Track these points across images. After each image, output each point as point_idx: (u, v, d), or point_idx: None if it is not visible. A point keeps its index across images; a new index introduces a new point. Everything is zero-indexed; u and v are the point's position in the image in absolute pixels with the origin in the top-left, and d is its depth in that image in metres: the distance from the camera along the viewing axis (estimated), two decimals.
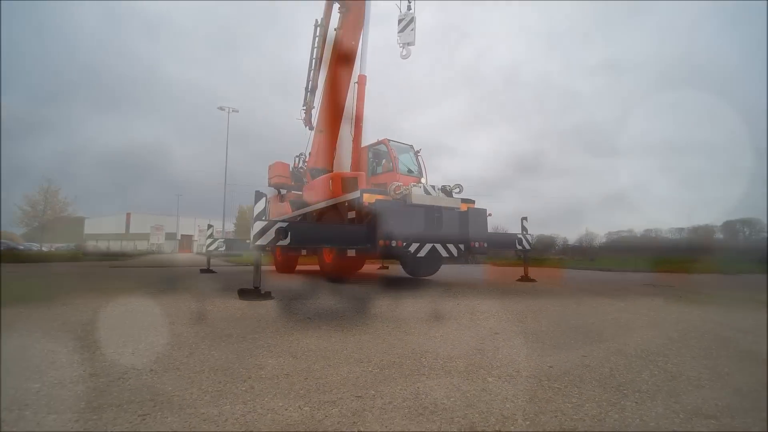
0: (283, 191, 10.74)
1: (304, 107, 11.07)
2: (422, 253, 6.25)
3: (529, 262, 8.27)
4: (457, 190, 6.94)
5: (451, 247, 6.59)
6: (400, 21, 8.79)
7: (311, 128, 10.74)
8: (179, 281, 7.53)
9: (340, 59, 9.51)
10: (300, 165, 10.71)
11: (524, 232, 8.03)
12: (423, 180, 8.12)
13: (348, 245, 5.93)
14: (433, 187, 6.67)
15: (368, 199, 6.05)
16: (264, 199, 5.05)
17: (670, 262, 20.64)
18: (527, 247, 7.98)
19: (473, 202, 7.23)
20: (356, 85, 8.91)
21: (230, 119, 32.84)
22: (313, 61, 10.65)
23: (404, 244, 5.97)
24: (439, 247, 6.45)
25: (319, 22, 10.36)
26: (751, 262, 18.50)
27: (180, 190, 65.39)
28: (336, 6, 9.86)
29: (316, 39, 10.49)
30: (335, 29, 9.89)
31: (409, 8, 8.81)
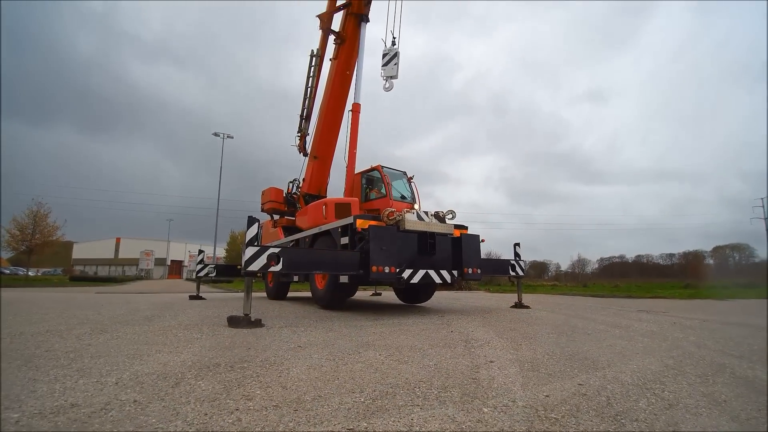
0: (276, 216, 10.71)
1: (299, 134, 11.21)
2: (415, 280, 6.21)
3: (522, 288, 8.25)
4: (450, 216, 6.98)
5: (444, 273, 6.57)
6: (384, 55, 9.12)
7: (305, 155, 10.85)
8: (167, 308, 7.35)
9: (335, 88, 9.73)
10: (294, 190, 10.74)
11: (517, 258, 8.05)
12: (416, 206, 8.17)
13: (341, 271, 5.87)
14: (426, 213, 6.69)
15: (361, 224, 6.05)
16: (257, 224, 5.03)
17: (662, 288, 20.75)
18: (520, 273, 7.97)
19: (466, 228, 7.26)
20: (350, 113, 9.07)
21: (224, 145, 32.91)
22: (309, 89, 10.89)
23: (397, 270, 5.94)
24: (432, 273, 6.42)
25: (315, 53, 10.66)
26: (740, 287, 18.65)
27: (171, 215, 64.76)
28: (331, 37, 10.18)
29: (312, 68, 10.75)
30: (330, 59, 10.17)
31: (393, 43, 9.14)
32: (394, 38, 9.19)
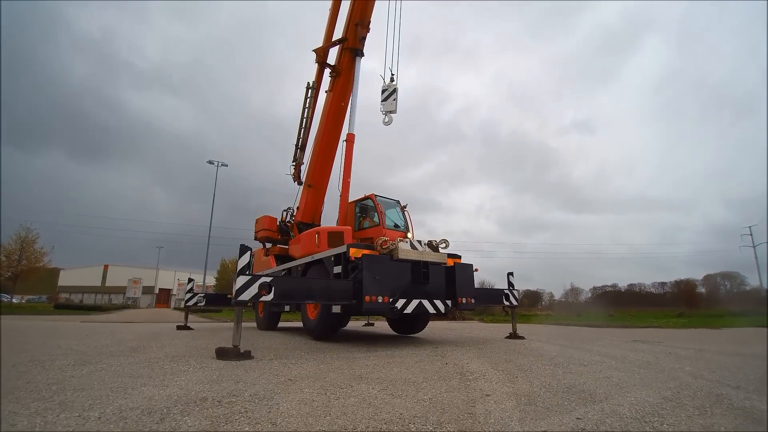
0: (269, 245, 10.64)
1: (294, 163, 11.34)
2: (409, 310, 6.14)
3: (517, 318, 8.17)
4: (444, 245, 6.98)
5: (438, 302, 6.50)
6: (383, 91, 9.41)
7: (300, 183, 10.93)
8: (154, 338, 7.14)
9: (330, 119, 9.94)
10: (288, 219, 10.74)
11: (511, 288, 8.02)
12: (409, 235, 8.18)
13: (333, 301, 5.79)
14: (419, 242, 6.70)
15: (354, 253, 6.02)
16: (248, 253, 4.99)
17: (656, 317, 20.70)
18: (515, 302, 7.92)
19: (459, 257, 7.25)
20: (345, 142, 9.21)
21: (217, 173, 33.00)
22: (304, 120, 11.11)
23: (391, 299, 5.87)
24: (426, 303, 6.35)
25: (310, 85, 10.95)
26: (733, 316, 18.68)
27: (161, 242, 63.79)
28: (327, 70, 10.49)
29: (308, 100, 11.02)
30: (326, 91, 10.44)
31: (392, 80, 9.44)
32: (392, 75, 9.50)
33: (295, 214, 10.59)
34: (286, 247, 10.27)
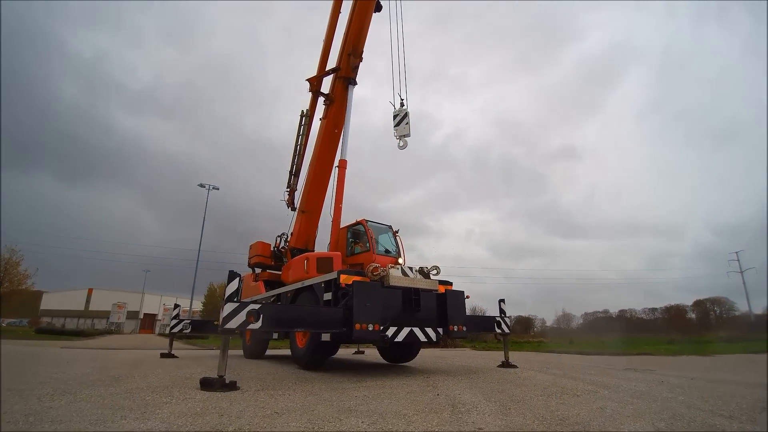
0: (258, 270, 10.51)
1: (288, 189, 11.40)
2: (400, 338, 6.05)
3: (509, 346, 8.07)
4: (435, 271, 6.96)
5: (429, 330, 6.42)
6: (395, 116, 9.65)
7: (293, 209, 10.94)
8: (136, 367, 6.89)
9: (324, 145, 10.07)
10: (282, 245, 10.68)
11: (503, 315, 7.96)
12: (401, 260, 8.15)
13: (323, 329, 5.68)
14: (410, 268, 6.67)
15: (345, 280, 5.96)
16: (237, 279, 4.92)
17: (647, 344, 20.61)
18: (506, 330, 7.85)
19: (451, 283, 7.23)
20: (337, 168, 9.29)
21: (207, 196, 32.74)
22: (298, 146, 11.26)
23: (381, 327, 5.78)
24: (417, 330, 6.27)
25: (304, 113, 11.16)
26: (723, 342, 18.71)
27: (148, 266, 62.28)
28: (321, 98, 10.71)
29: (302, 127, 11.21)
30: (320, 119, 10.61)
31: (402, 105, 9.70)
32: (402, 100, 9.77)
33: (289, 239, 10.54)
34: (277, 272, 10.14)
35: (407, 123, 9.48)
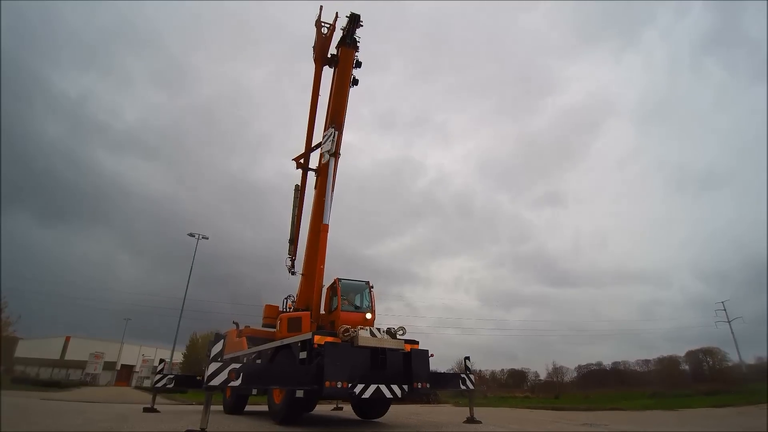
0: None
1: (289, 256, 12.39)
2: (366, 394, 6.65)
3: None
4: (401, 332, 7.69)
5: (395, 387, 7.03)
6: (324, 136, 11.16)
7: (293, 273, 11.90)
8: (122, 421, 7.27)
9: (316, 214, 11.17)
10: (291, 306, 11.42)
11: (467, 372, 8.60)
12: (369, 316, 8.80)
13: (296, 386, 6.28)
14: (378, 329, 7.41)
15: (318, 340, 6.67)
16: (222, 341, 5.63)
17: (627, 398, 20.75)
18: (470, 386, 8.46)
19: (417, 342, 7.93)
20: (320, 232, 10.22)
21: (189, 243, 32.67)
22: (293, 218, 12.45)
23: (350, 384, 6.40)
24: (383, 387, 6.88)
25: (297, 187, 12.46)
26: (703, 396, 18.98)
27: (128, 314, 60.42)
28: (311, 173, 12.05)
29: (295, 200, 12.47)
30: (315, 188, 11.80)
31: (332, 126, 11.04)
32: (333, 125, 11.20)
33: (295, 301, 11.34)
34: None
35: (332, 140, 10.87)
